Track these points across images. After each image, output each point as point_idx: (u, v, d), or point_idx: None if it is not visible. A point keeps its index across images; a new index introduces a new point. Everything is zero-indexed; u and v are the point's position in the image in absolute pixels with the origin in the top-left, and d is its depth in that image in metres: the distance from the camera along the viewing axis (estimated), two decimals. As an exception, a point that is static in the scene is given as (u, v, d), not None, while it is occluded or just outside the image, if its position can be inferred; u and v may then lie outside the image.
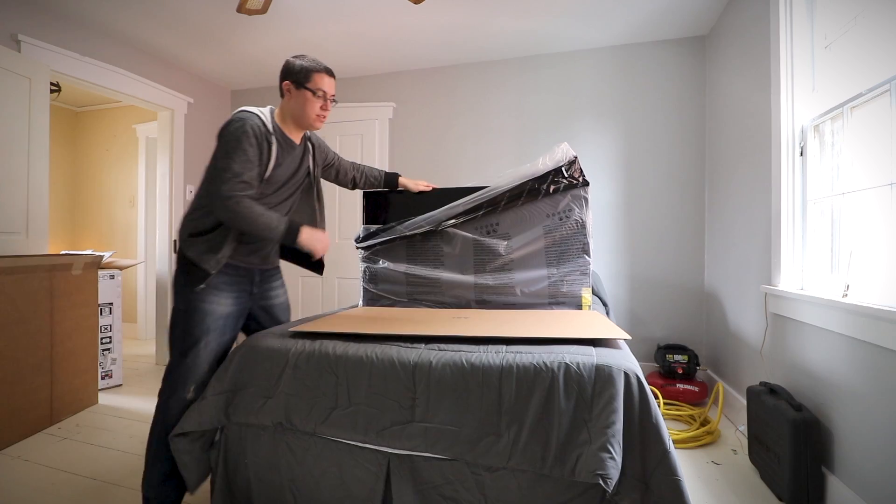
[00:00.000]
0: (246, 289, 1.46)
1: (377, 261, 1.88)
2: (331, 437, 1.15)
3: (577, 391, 0.98)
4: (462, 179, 3.23)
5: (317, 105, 1.43)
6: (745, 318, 2.19)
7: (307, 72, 1.41)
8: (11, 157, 2.27)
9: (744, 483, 1.67)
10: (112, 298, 2.81)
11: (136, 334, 4.19)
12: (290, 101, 1.45)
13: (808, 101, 1.75)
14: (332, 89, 1.46)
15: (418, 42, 2.94)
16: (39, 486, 1.64)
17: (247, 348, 1.27)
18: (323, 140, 1.69)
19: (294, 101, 1.44)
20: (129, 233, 4.20)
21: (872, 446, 1.28)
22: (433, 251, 1.81)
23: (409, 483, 1.09)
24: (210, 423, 1.23)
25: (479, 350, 1.11)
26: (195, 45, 3.02)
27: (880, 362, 1.25)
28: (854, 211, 1.49)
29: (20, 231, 2.31)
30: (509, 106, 3.17)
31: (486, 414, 1.03)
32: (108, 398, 2.57)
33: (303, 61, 1.43)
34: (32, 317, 2.12)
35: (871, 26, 1.38)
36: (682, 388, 2.47)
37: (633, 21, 2.66)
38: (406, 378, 1.10)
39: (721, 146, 2.55)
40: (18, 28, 2.39)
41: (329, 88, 1.45)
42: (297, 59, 1.44)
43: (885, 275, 1.30)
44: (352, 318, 1.50)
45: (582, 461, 0.93)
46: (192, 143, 3.50)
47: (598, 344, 1.14)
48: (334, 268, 3.57)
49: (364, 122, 3.48)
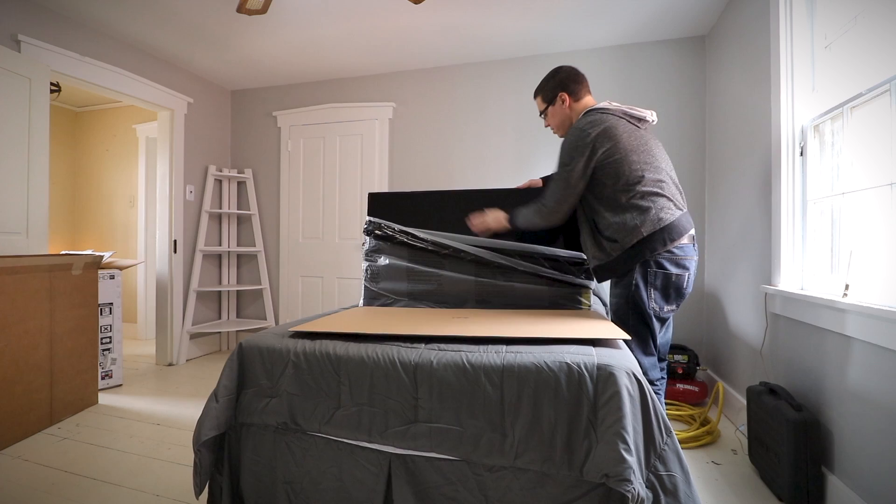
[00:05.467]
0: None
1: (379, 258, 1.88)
2: (334, 438, 1.16)
3: (579, 391, 0.98)
4: (462, 180, 3.24)
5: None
6: (745, 318, 2.19)
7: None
8: (11, 158, 2.27)
9: (744, 483, 1.67)
10: (112, 298, 2.81)
11: (136, 334, 4.19)
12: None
13: (808, 101, 1.75)
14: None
15: (418, 42, 2.95)
16: (39, 486, 1.64)
17: (247, 348, 1.27)
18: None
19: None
20: (129, 233, 4.20)
21: (872, 446, 1.28)
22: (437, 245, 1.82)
23: (411, 484, 1.09)
24: (226, 425, 1.23)
25: (480, 350, 1.11)
26: (195, 45, 3.02)
27: (880, 362, 1.25)
28: (854, 211, 1.49)
29: (20, 231, 2.31)
30: (509, 106, 3.17)
31: (489, 413, 1.03)
32: (108, 398, 2.57)
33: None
34: (32, 317, 2.12)
35: (871, 26, 1.38)
36: (682, 388, 2.47)
37: (633, 21, 2.66)
38: (408, 378, 1.10)
39: (721, 146, 2.55)
40: (18, 28, 2.40)
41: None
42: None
43: (885, 275, 1.30)
44: (351, 318, 1.50)
45: (591, 461, 0.93)
46: (192, 143, 3.50)
47: (598, 344, 1.14)
48: (334, 268, 3.57)
49: (364, 122, 3.49)
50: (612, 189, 1.45)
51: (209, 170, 3.60)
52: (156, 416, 2.31)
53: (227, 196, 3.79)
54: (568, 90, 1.61)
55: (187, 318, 3.41)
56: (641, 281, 1.42)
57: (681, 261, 1.43)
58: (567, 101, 1.61)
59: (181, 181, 3.39)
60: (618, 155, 1.43)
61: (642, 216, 1.41)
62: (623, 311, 1.47)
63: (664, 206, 1.43)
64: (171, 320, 3.32)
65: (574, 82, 1.61)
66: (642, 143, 1.47)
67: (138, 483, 1.66)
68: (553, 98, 1.63)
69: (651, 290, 1.42)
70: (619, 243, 1.44)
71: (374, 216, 1.92)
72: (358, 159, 3.51)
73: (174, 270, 3.34)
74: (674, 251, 1.42)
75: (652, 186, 1.43)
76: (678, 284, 1.44)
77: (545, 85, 1.66)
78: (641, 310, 1.43)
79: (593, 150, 1.44)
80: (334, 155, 3.58)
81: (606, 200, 1.47)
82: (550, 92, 1.64)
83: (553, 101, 1.63)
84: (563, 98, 1.61)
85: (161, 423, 2.22)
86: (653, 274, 1.41)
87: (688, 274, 1.45)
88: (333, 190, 3.58)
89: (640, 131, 1.49)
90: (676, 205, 1.46)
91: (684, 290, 1.46)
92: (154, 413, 2.36)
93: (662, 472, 0.95)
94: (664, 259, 1.41)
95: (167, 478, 1.70)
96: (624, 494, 0.87)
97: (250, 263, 3.84)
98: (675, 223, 1.42)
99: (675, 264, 1.42)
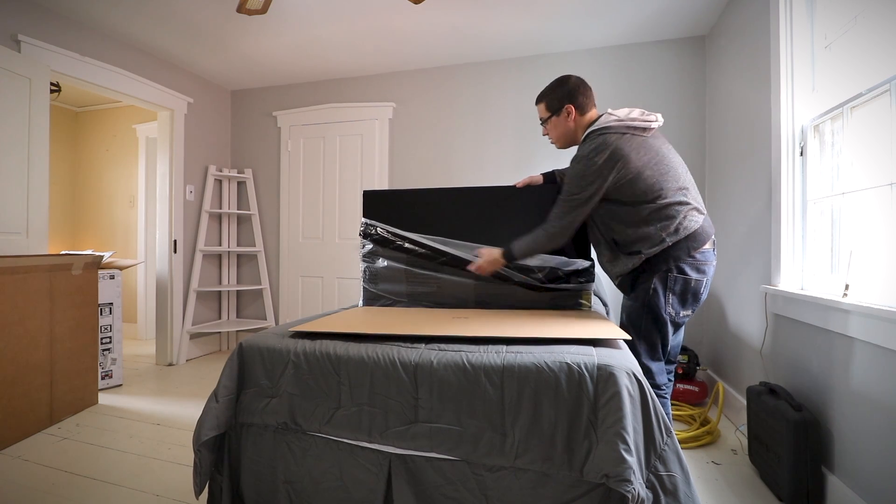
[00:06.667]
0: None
1: (377, 260, 1.87)
2: (334, 438, 1.16)
3: (579, 391, 0.98)
4: (462, 179, 3.24)
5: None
6: (745, 318, 2.19)
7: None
8: (11, 158, 2.27)
9: (744, 483, 1.67)
10: (112, 298, 2.81)
11: (136, 334, 4.19)
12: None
13: (808, 101, 1.75)
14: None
15: (418, 42, 2.95)
16: (39, 486, 1.64)
17: (247, 348, 1.27)
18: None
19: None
20: (129, 233, 4.20)
21: (872, 446, 1.28)
22: (433, 251, 1.81)
23: (411, 484, 1.09)
24: (226, 425, 1.23)
25: (480, 350, 1.11)
26: (195, 46, 3.02)
27: (880, 362, 1.25)
28: (854, 211, 1.49)
29: (20, 231, 2.31)
30: (509, 106, 3.17)
31: (489, 413, 1.03)
32: (108, 398, 2.57)
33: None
34: (32, 317, 2.12)
35: (871, 26, 1.38)
36: (682, 388, 2.47)
37: (633, 21, 2.66)
38: (408, 378, 1.10)
39: (721, 146, 2.55)
40: (18, 28, 2.40)
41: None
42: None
43: (885, 275, 1.30)
44: (351, 318, 1.50)
45: (591, 461, 0.93)
46: (192, 143, 3.50)
47: (598, 344, 1.14)
48: (334, 268, 3.57)
49: (364, 122, 3.49)
50: (632, 206, 1.41)
51: (209, 170, 3.60)
52: (156, 416, 2.31)
53: (227, 196, 3.79)
54: (575, 103, 1.53)
55: (187, 318, 3.41)
56: (660, 286, 1.39)
57: (701, 266, 1.40)
58: (573, 114, 1.54)
59: (181, 181, 3.39)
60: (630, 175, 1.38)
61: (666, 226, 1.37)
62: (637, 314, 1.44)
63: (688, 213, 1.39)
64: (171, 320, 3.32)
65: (583, 95, 1.54)
66: (653, 155, 1.41)
67: (138, 483, 1.66)
68: (559, 109, 1.55)
69: (669, 294, 1.39)
70: (643, 254, 1.40)
71: (370, 214, 1.90)
72: (358, 159, 3.51)
73: (174, 270, 3.34)
74: (696, 256, 1.39)
75: (674, 196, 1.39)
76: (696, 290, 1.41)
77: (551, 93, 1.56)
78: (657, 314, 1.41)
79: (603, 178, 1.39)
80: (334, 155, 3.58)
81: (626, 217, 1.42)
82: (557, 102, 1.55)
83: (558, 112, 1.55)
84: (570, 111, 1.53)
85: (161, 423, 2.22)
86: (672, 279, 1.38)
87: (706, 279, 1.42)
88: (333, 190, 3.58)
89: (650, 140, 1.43)
90: (699, 209, 1.44)
91: (701, 296, 1.43)
92: (154, 413, 2.36)
93: (662, 473, 0.95)
94: (685, 265, 1.38)
95: (167, 478, 1.70)
96: (624, 494, 0.87)
97: (250, 263, 3.84)
98: (698, 231, 1.39)
99: (696, 270, 1.40)
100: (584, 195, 1.42)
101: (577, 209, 1.44)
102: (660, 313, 1.41)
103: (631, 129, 1.42)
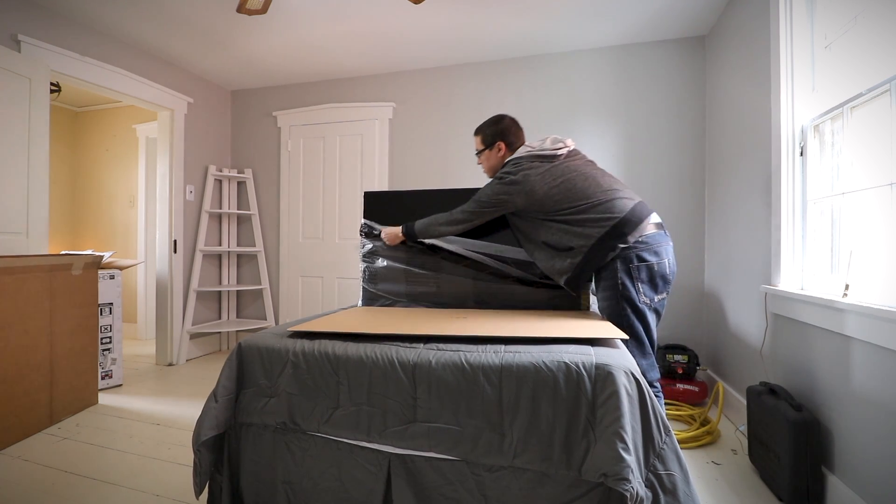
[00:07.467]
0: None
1: (377, 260, 1.88)
2: (333, 437, 1.16)
3: (577, 390, 0.98)
4: (462, 179, 3.24)
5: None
6: (745, 318, 2.19)
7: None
8: (11, 157, 2.27)
9: (744, 483, 1.67)
10: (112, 298, 2.81)
11: (136, 334, 4.19)
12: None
13: (808, 101, 1.75)
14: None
15: (418, 42, 2.95)
16: (39, 486, 1.64)
17: (246, 348, 1.27)
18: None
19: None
20: (129, 233, 4.20)
21: (872, 446, 1.28)
22: (432, 251, 1.81)
23: (410, 484, 1.09)
24: (226, 425, 1.23)
25: (478, 350, 1.11)
26: (195, 45, 3.02)
27: (880, 362, 1.25)
28: (854, 211, 1.49)
29: (20, 231, 2.32)
30: (509, 106, 3.16)
31: (488, 413, 1.03)
32: (108, 398, 2.58)
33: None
34: (32, 317, 2.12)
35: (871, 26, 1.38)
36: (682, 388, 2.47)
37: (633, 21, 2.66)
38: (406, 378, 1.10)
39: (721, 146, 2.55)
40: (18, 28, 2.40)
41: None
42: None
43: (885, 275, 1.30)
44: (350, 318, 1.50)
45: (590, 461, 0.93)
46: (192, 143, 3.50)
47: (597, 343, 1.14)
48: (334, 268, 3.57)
49: (364, 122, 3.49)
50: (555, 217, 1.54)
51: (209, 170, 3.60)
52: (156, 416, 2.31)
53: (227, 196, 3.79)
54: (506, 141, 1.71)
55: (187, 318, 3.41)
56: (627, 278, 1.45)
57: (654, 247, 1.47)
58: (503, 150, 1.72)
59: (181, 181, 3.39)
60: (538, 195, 1.53)
61: (596, 221, 1.48)
62: (616, 313, 1.47)
63: (610, 204, 1.49)
64: (171, 320, 3.32)
65: (513, 135, 1.72)
66: (559, 176, 1.54)
67: (138, 483, 1.66)
68: (492, 144, 1.73)
69: (638, 283, 1.45)
70: (576, 248, 1.49)
71: (371, 215, 1.92)
72: (358, 159, 3.51)
73: (174, 270, 3.34)
74: (647, 241, 1.46)
75: (595, 197, 1.51)
76: (661, 272, 1.48)
77: (487, 129, 1.74)
78: (634, 305, 1.46)
79: (508, 195, 1.56)
80: (334, 155, 3.58)
81: (553, 226, 1.55)
82: (490, 137, 1.73)
83: (491, 146, 1.73)
84: (500, 147, 1.72)
85: (161, 423, 2.22)
86: (636, 268, 1.45)
87: (667, 259, 1.49)
88: (333, 190, 3.59)
89: (560, 166, 1.56)
90: (627, 197, 1.52)
91: (668, 277, 1.50)
92: (154, 413, 2.36)
93: (661, 472, 0.95)
94: (641, 251, 1.45)
95: (167, 478, 1.70)
96: (623, 494, 0.87)
97: (250, 263, 3.84)
98: (627, 216, 1.47)
99: (653, 253, 1.46)
100: (489, 203, 1.60)
101: (482, 212, 1.62)
102: (636, 304, 1.46)
103: (539, 157, 1.59)
